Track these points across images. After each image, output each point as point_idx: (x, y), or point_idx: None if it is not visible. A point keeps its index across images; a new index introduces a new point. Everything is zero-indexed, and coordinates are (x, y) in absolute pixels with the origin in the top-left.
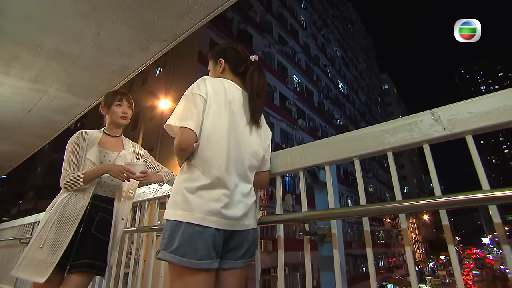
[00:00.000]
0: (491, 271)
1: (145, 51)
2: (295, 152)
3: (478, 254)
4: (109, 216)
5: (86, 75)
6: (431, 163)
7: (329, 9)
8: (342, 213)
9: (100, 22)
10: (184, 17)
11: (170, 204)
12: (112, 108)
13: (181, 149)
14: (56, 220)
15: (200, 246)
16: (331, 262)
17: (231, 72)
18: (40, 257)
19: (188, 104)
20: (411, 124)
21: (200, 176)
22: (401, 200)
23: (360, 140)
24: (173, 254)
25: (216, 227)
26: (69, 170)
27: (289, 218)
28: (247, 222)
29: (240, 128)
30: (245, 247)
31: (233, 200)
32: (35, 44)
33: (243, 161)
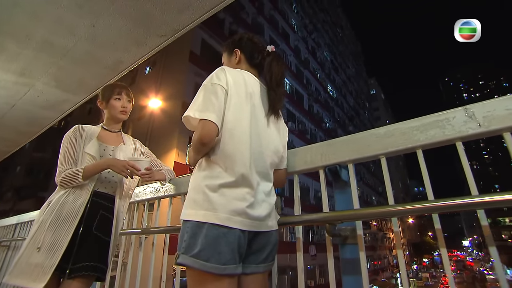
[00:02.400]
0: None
1: (141, 46)
2: (315, 150)
3: (459, 256)
4: (110, 215)
5: (77, 70)
6: (465, 162)
7: (319, 13)
8: (369, 213)
9: (95, 13)
10: (185, 11)
11: (189, 203)
12: (110, 102)
13: (202, 143)
14: (53, 219)
15: (225, 249)
16: (355, 265)
17: (247, 63)
18: (37, 261)
19: (208, 94)
20: (443, 121)
21: (221, 173)
22: (433, 199)
23: (388, 137)
24: (195, 258)
25: (241, 228)
26: (66, 165)
27: (311, 219)
28: (271, 223)
29: (261, 122)
30: (267, 249)
31: (257, 199)
32: (24, 34)
33: (265, 158)
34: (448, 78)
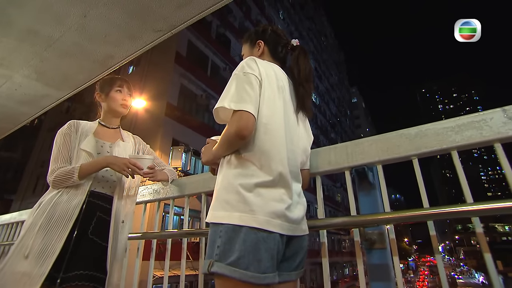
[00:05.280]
0: None
1: (135, 40)
2: (340, 150)
3: (432, 261)
4: (108, 217)
5: (62, 63)
6: (506, 164)
7: (305, 21)
8: (402, 217)
9: (88, 2)
10: (185, 6)
11: (220, 204)
12: (111, 94)
13: (240, 137)
14: (44, 222)
15: (265, 255)
16: (384, 272)
17: (270, 56)
18: (24, 269)
19: (242, 84)
20: (480, 122)
21: (256, 171)
22: (472, 202)
23: (420, 137)
24: (233, 267)
25: (281, 232)
26: (59, 163)
27: (340, 222)
28: (304, 226)
29: (291, 118)
30: (300, 255)
31: (293, 201)
32: (5, 20)
33: (296, 157)
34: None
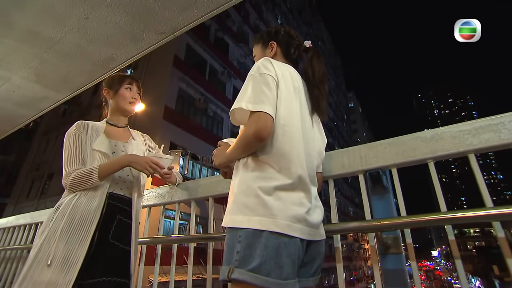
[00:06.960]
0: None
1: (137, 42)
2: (353, 153)
3: (428, 266)
4: (128, 220)
5: (62, 64)
6: None
7: (303, 26)
8: (421, 221)
9: (91, 4)
10: (188, 8)
11: (238, 208)
12: (120, 91)
13: (259, 138)
14: (65, 226)
15: (286, 261)
16: (400, 276)
17: (283, 57)
18: (49, 278)
19: (259, 85)
20: (497, 125)
21: (275, 174)
22: (492, 206)
23: (436, 140)
24: (255, 273)
25: (302, 237)
26: (74, 166)
27: (356, 227)
28: (322, 231)
29: (307, 121)
30: (318, 261)
31: (312, 205)
32: (6, 20)
33: (312, 159)
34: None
